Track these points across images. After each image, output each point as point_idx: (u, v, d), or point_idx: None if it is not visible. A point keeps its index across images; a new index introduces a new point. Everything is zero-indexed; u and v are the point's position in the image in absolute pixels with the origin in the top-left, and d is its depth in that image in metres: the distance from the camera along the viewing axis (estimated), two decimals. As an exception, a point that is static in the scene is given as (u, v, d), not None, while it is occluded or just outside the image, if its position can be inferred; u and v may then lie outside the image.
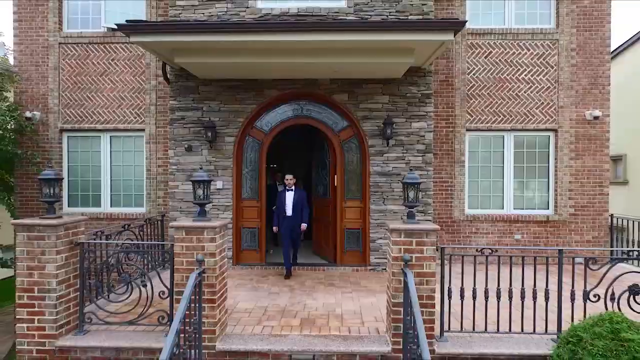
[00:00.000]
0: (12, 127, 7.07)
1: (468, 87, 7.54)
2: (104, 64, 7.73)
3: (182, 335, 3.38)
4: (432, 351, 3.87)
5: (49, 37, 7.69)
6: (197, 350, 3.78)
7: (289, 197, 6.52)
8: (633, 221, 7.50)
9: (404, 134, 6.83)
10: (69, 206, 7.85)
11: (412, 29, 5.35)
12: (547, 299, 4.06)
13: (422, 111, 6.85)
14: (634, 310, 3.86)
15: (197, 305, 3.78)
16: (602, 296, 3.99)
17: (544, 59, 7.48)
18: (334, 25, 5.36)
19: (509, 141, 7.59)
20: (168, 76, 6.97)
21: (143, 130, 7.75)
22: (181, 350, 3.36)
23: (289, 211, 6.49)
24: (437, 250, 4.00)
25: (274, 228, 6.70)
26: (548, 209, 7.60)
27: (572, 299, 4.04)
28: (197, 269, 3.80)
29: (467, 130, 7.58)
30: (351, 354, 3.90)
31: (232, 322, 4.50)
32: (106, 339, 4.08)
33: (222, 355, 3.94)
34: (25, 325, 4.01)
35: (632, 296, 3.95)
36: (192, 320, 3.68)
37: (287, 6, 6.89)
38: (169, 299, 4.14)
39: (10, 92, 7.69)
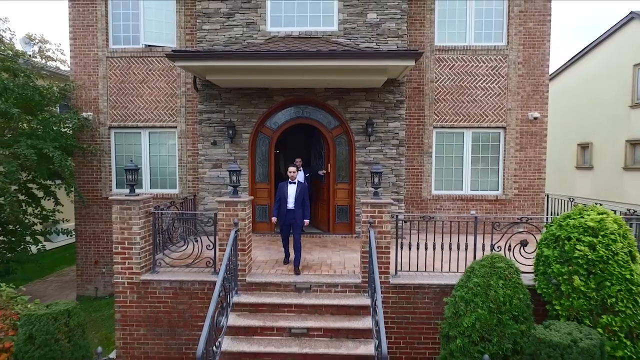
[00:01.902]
0: (75, 125, 8.96)
1: (435, 93, 9.41)
2: (143, 74, 9.59)
3: (227, 271, 5.39)
4: (387, 282, 5.91)
5: (98, 52, 9.53)
6: (234, 282, 5.82)
7: (292, 189, 6.48)
8: (555, 199, 9.47)
9: (382, 131, 8.75)
10: (116, 188, 9.85)
11: (384, 57, 7.22)
12: (466, 249, 6.08)
13: (397, 113, 8.74)
14: (522, 256, 5.87)
15: (234, 252, 5.79)
16: (504, 247, 6.00)
17: (496, 71, 9.32)
18: (327, 55, 7.20)
19: (468, 136, 9.50)
20: (197, 86, 8.84)
21: (175, 127, 9.66)
22: (227, 279, 5.38)
23: (290, 204, 6.46)
24: (392, 217, 6.00)
25: (273, 218, 6.76)
26: (497, 190, 9.57)
27: (483, 250, 6.04)
28: (234, 228, 5.79)
29: (434, 127, 9.47)
30: (335, 284, 5.94)
31: (254, 268, 6.53)
32: (172, 275, 6.12)
33: (249, 285, 5.98)
34: (119, 266, 6.02)
35: (521, 247, 5.95)
36: (231, 262, 5.69)
37: (291, 30, 8.73)
38: (213, 250, 6.15)
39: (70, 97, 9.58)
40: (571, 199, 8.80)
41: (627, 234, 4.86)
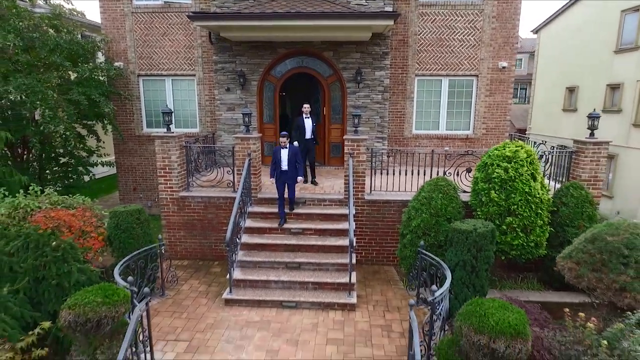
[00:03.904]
0: (114, 74, 10.64)
1: (418, 45, 10.76)
2: (164, 27, 11.03)
3: (243, 189, 7.36)
4: (363, 198, 7.89)
5: (124, 8, 10.92)
6: (249, 197, 7.84)
7: (284, 153, 7.34)
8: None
9: (370, 79, 10.29)
10: (147, 127, 11.72)
11: (367, 17, 8.62)
12: (424, 174, 7.95)
13: (382, 64, 10.22)
14: (466, 179, 7.73)
15: (248, 176, 7.73)
16: (453, 173, 7.85)
17: (472, 24, 10.57)
18: (319, 15, 8.59)
19: (445, 83, 10.99)
20: (212, 40, 10.33)
21: (194, 75, 11.27)
22: (244, 194, 7.38)
23: (284, 166, 7.34)
24: (368, 149, 7.83)
25: (270, 179, 7.65)
26: (469, 129, 11.24)
27: (437, 174, 7.90)
28: (247, 158, 7.70)
29: (416, 75, 10.95)
30: (324, 199, 7.95)
31: (263, 188, 8.52)
32: (202, 193, 8.16)
33: (260, 200, 8.01)
34: (163, 186, 8.05)
35: (466, 172, 7.81)
36: (246, 182, 7.65)
37: (291, -12, 9.98)
38: (232, 174, 8.11)
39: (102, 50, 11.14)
40: (528, 137, 10.46)
41: (533, 161, 6.66)
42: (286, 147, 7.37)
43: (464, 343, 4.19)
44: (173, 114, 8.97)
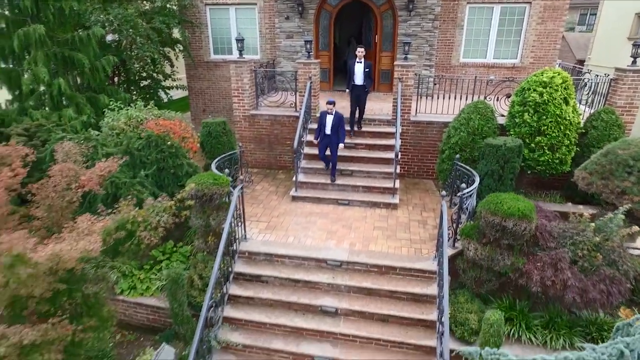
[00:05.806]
0: (188, 4, 11.77)
1: (472, -30, 10.89)
2: (227, -43, 11.78)
3: (306, 108, 8.62)
4: (409, 119, 8.95)
5: (191, -63, 11.68)
6: (309, 115, 9.13)
7: (329, 119, 7.84)
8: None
9: (421, 7, 10.74)
10: (214, 54, 12.99)
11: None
12: (466, 99, 8.79)
13: (435, -9, 10.59)
14: (505, 104, 8.52)
15: (309, 97, 8.93)
16: (493, 98, 8.64)
17: (531, -53, 10.47)
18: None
19: (497, 11, 11.19)
20: (273, -31, 11.04)
21: (255, 4, 12.14)
22: (305, 112, 8.66)
23: (327, 130, 7.85)
24: (416, 75, 8.73)
25: (315, 141, 8.15)
26: (516, 58, 11.57)
27: (479, 99, 8.71)
28: (308, 81, 8.85)
29: (468, 3, 11.20)
30: (374, 119, 9.10)
31: (320, 108, 9.75)
32: (269, 111, 9.54)
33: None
34: (236, 105, 9.47)
35: (506, 98, 8.57)
36: (307, 103, 8.87)
37: None
38: (294, 96, 9.36)
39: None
40: (576, 67, 10.73)
41: (568, 87, 7.34)
42: (332, 114, 7.81)
43: (482, 223, 5.50)
44: (231, 40, 10.07)
